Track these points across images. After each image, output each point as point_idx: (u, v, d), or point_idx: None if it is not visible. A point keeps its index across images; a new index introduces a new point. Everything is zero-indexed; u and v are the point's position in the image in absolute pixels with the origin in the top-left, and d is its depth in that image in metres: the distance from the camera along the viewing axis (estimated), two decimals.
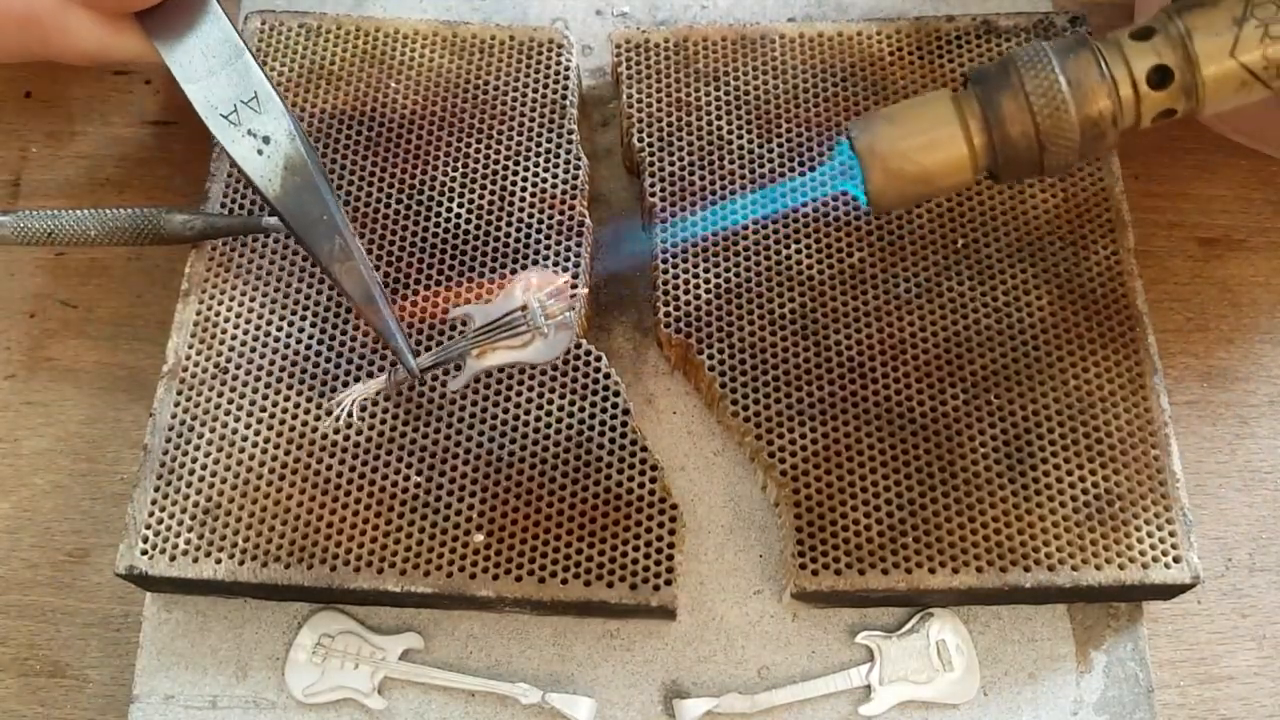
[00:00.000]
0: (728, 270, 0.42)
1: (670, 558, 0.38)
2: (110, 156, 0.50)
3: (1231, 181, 0.40)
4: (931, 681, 0.38)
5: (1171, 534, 0.38)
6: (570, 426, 0.40)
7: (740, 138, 0.45)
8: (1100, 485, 0.39)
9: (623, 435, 0.40)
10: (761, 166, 0.44)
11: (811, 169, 0.44)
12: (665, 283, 0.42)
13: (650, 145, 0.45)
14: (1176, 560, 0.38)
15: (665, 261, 0.42)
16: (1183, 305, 0.46)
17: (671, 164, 0.44)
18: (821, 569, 0.38)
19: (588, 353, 0.41)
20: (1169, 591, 0.39)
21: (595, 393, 0.40)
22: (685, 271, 0.42)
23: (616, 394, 0.40)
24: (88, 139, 0.50)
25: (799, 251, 0.43)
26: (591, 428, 0.40)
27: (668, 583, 0.38)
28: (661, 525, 0.38)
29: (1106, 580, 0.37)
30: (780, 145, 0.44)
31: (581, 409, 0.40)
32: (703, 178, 0.44)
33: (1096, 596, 0.39)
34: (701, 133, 0.45)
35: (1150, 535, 0.38)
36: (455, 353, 0.39)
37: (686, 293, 0.42)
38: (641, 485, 0.39)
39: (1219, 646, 0.41)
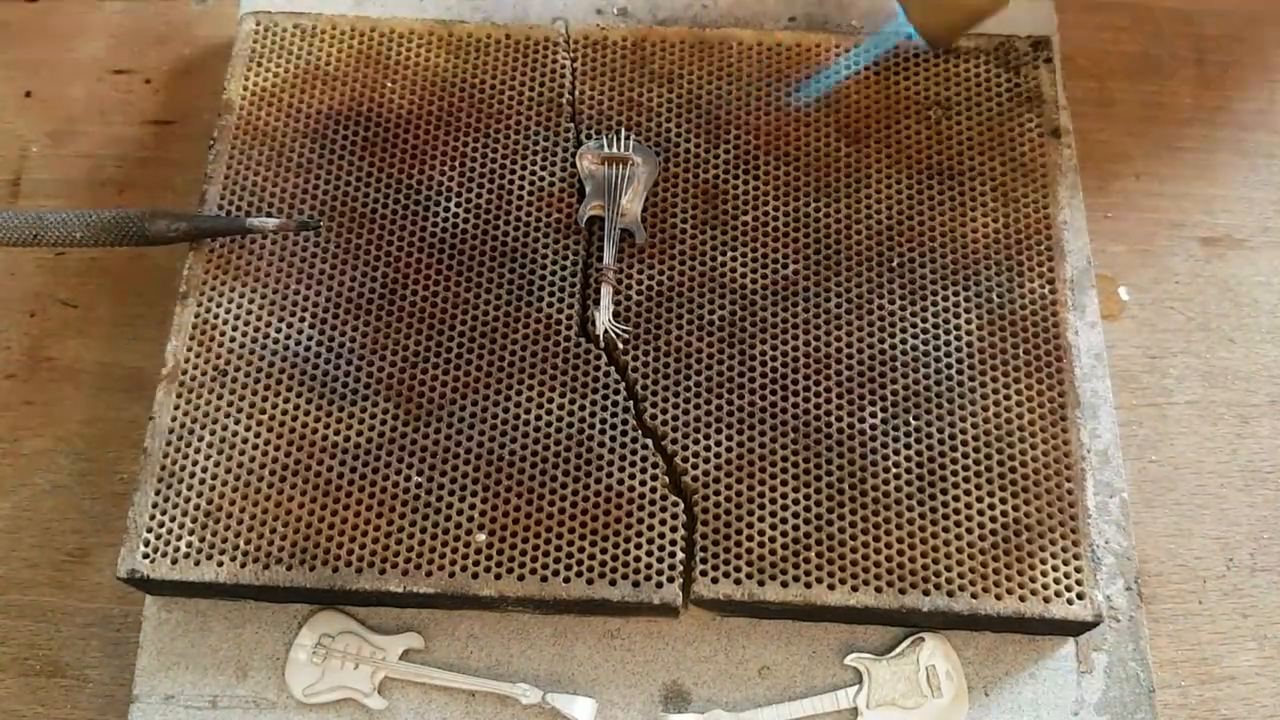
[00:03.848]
0: (662, 274, 0.42)
1: (673, 555, 0.38)
2: (110, 156, 0.50)
3: (1233, 181, 0.40)
4: (920, 707, 0.38)
5: (1078, 569, 0.37)
6: (571, 425, 0.40)
7: (688, 140, 0.45)
8: (1010, 515, 0.38)
9: (624, 433, 0.40)
10: (706, 172, 0.44)
11: (755, 174, 0.44)
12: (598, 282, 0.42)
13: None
14: (1080, 597, 0.37)
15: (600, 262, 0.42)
16: (1184, 304, 0.46)
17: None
18: (721, 577, 0.38)
19: (587, 350, 0.41)
20: (1070, 628, 0.38)
21: (596, 391, 0.40)
22: (619, 272, 0.42)
23: (617, 392, 0.40)
24: (88, 139, 0.50)
25: (734, 260, 0.43)
26: (593, 426, 0.40)
27: (670, 580, 0.38)
28: (664, 523, 0.38)
29: (1006, 610, 0.37)
30: (727, 151, 0.44)
31: (582, 407, 0.40)
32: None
33: (994, 626, 0.38)
34: (650, 133, 0.45)
35: (1055, 569, 0.38)
36: None
37: (619, 293, 0.42)
38: (644, 483, 0.39)
39: (1220, 647, 0.41)
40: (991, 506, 0.39)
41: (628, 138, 0.44)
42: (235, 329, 0.42)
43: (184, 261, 0.43)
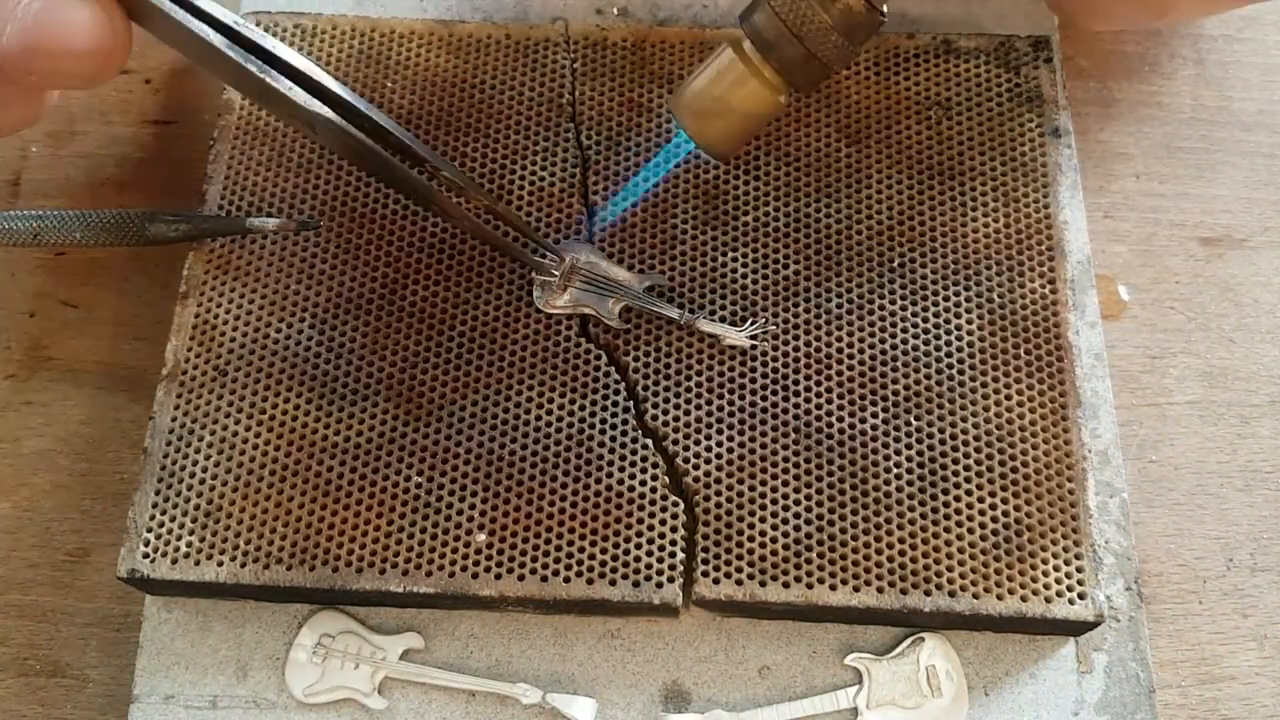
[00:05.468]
0: (662, 274, 0.42)
1: (674, 555, 0.38)
2: (110, 156, 0.50)
3: (1233, 180, 0.40)
4: (920, 707, 0.38)
5: (1079, 569, 0.37)
6: (571, 424, 0.40)
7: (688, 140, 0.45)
8: (1011, 515, 0.38)
9: (624, 432, 0.40)
10: (706, 173, 0.44)
11: (755, 174, 0.44)
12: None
13: (597, 144, 0.45)
14: (1081, 596, 0.37)
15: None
16: (1184, 304, 0.46)
17: (617, 164, 0.44)
18: (723, 578, 0.38)
19: (587, 350, 0.41)
20: (1072, 628, 0.38)
21: (596, 391, 0.40)
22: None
23: (618, 390, 0.40)
24: (88, 139, 0.50)
25: (734, 260, 0.43)
26: (593, 426, 0.40)
27: (670, 580, 0.38)
28: (664, 522, 0.38)
29: (1007, 611, 0.37)
30: None
31: (583, 407, 0.40)
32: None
33: (996, 626, 0.38)
34: (650, 135, 0.45)
35: (1057, 569, 0.38)
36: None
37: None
38: (644, 482, 0.39)
39: (1220, 647, 0.41)
40: (993, 506, 0.39)
41: (542, 255, 0.42)
42: (235, 329, 0.42)
43: (184, 261, 0.43)
